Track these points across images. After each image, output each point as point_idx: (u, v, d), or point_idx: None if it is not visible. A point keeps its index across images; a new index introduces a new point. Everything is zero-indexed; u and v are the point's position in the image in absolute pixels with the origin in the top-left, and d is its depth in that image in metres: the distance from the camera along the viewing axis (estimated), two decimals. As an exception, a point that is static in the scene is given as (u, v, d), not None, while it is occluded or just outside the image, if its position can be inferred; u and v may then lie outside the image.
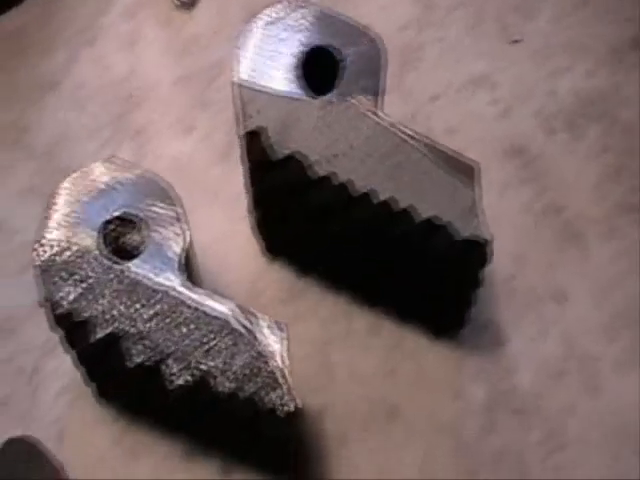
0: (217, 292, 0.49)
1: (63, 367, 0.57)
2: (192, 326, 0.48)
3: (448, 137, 0.62)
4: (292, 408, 0.46)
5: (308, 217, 0.53)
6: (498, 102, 0.65)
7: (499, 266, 0.53)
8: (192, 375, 0.47)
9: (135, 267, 0.49)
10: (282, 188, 0.52)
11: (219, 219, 0.59)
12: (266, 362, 0.47)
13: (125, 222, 0.50)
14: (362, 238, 0.52)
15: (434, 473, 0.54)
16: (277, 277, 0.58)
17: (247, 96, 0.51)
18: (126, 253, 0.50)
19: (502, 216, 0.59)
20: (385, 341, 0.56)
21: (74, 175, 0.51)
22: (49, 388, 0.57)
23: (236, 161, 0.60)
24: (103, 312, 0.48)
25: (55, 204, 0.50)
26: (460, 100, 0.65)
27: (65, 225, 0.49)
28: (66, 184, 0.50)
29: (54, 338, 0.55)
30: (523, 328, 0.58)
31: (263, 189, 0.54)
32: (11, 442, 0.53)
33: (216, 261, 0.55)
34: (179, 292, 0.48)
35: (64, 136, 0.65)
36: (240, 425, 0.49)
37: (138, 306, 0.48)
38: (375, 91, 0.51)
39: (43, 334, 0.56)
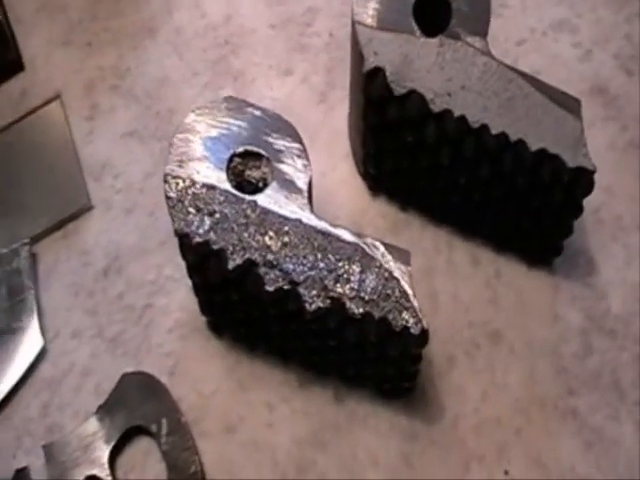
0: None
1: (173, 304, 0.58)
2: (324, 252, 0.49)
3: None
4: (426, 326, 0.48)
5: (422, 150, 0.55)
6: (579, 45, 0.67)
7: (588, 198, 0.54)
8: (329, 298, 0.48)
9: (265, 198, 0.50)
10: (399, 122, 0.53)
11: (321, 157, 0.60)
12: (397, 284, 0.48)
13: (250, 157, 0.51)
14: (474, 169, 0.54)
15: (536, 392, 0.55)
16: (380, 211, 0.60)
17: (367, 34, 0.52)
18: (251, 186, 0.51)
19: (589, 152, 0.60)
20: (485, 270, 0.58)
21: (197, 111, 0.52)
22: (160, 324, 0.58)
23: (335, 102, 0.63)
24: (239, 241, 0.49)
25: (180, 140, 0.51)
26: (544, 44, 0.67)
27: (192, 160, 0.50)
28: (188, 121, 0.51)
29: (162, 276, 0.58)
30: (612, 256, 0.60)
31: (379, 124, 0.55)
32: (126, 376, 0.55)
33: (321, 197, 0.55)
34: (310, 220, 0.49)
35: (164, 81, 0.66)
36: (369, 346, 0.50)
37: (271, 234, 0.49)
38: (482, 33, 0.53)
39: (151, 272, 0.59)
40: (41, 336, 0.58)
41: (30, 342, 0.57)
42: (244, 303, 0.52)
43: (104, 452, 0.54)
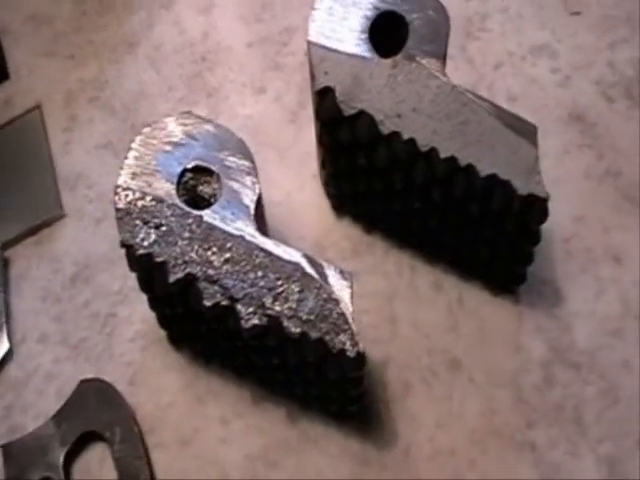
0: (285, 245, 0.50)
1: (136, 314, 0.59)
2: (265, 270, 0.49)
3: (510, 104, 0.63)
4: (362, 349, 0.48)
5: (375, 173, 0.55)
6: (558, 71, 0.66)
7: (558, 227, 0.54)
8: (264, 316, 0.48)
9: (211, 214, 0.50)
10: (351, 144, 0.54)
11: (289, 176, 0.61)
12: (335, 306, 0.48)
13: (201, 172, 0.51)
14: (427, 193, 0.54)
15: (493, 424, 0.55)
16: (344, 232, 0.60)
17: (319, 55, 0.53)
18: (201, 201, 0.51)
19: (562, 180, 0.60)
20: (447, 296, 0.57)
21: (152, 126, 0.52)
22: (123, 333, 0.59)
23: (306, 122, 0.63)
24: (181, 254, 0.49)
25: (134, 153, 0.52)
26: (522, 68, 0.66)
27: (144, 173, 0.51)
28: (144, 135, 0.52)
29: (128, 286, 0.59)
30: (580, 287, 0.59)
31: (333, 145, 0.55)
32: (84, 383, 0.57)
33: (285, 216, 0.57)
34: (253, 238, 0.50)
35: (141, 94, 0.67)
36: (309, 367, 0.51)
37: (214, 249, 0.49)
38: (440, 55, 0.53)
39: (117, 282, 0.60)
40: (7, 339, 0.59)
41: (-4, 344, 0.59)
42: (190, 317, 0.52)
43: (59, 455, 0.56)
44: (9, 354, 0.59)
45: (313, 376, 0.51)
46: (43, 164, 0.64)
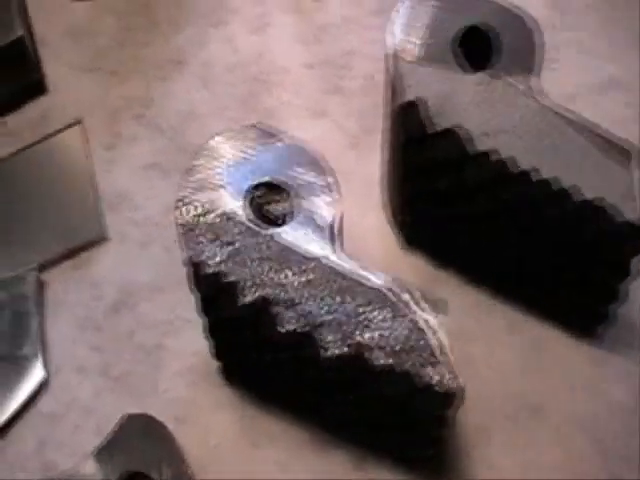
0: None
1: (185, 346, 0.55)
2: (346, 296, 0.45)
3: None
4: (454, 385, 0.43)
5: (458, 196, 0.51)
6: (632, 105, 0.63)
7: None
8: (348, 346, 0.44)
9: (284, 234, 0.46)
10: (434, 165, 0.50)
11: (351, 206, 0.54)
12: (425, 336, 0.44)
13: (272, 189, 0.48)
14: (516, 219, 0.50)
15: (576, 474, 0.51)
16: (414, 266, 0.57)
17: (404, 68, 0.49)
18: (270, 220, 0.47)
19: None
20: (526, 338, 0.55)
21: (218, 138, 0.49)
22: (170, 366, 0.55)
23: (368, 148, 0.60)
24: (252, 276, 0.45)
25: (199, 165, 0.48)
26: (595, 101, 0.63)
27: (210, 187, 0.47)
28: (207, 148, 0.48)
29: (176, 316, 0.55)
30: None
31: (411, 167, 0.51)
32: (129, 417, 0.51)
33: (349, 247, 0.51)
34: (332, 261, 0.45)
35: (189, 114, 0.63)
36: (392, 404, 0.46)
37: (289, 273, 0.45)
38: (527, 73, 0.50)
39: (165, 312, 0.55)
40: (43, 368, 0.54)
41: (32, 373, 0.54)
42: (257, 345, 0.48)
43: (100, 496, 0.50)
44: (44, 384, 0.54)
45: (393, 414, 0.47)
46: (84, 183, 0.60)
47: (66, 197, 0.60)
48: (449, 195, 0.51)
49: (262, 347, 0.48)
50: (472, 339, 0.54)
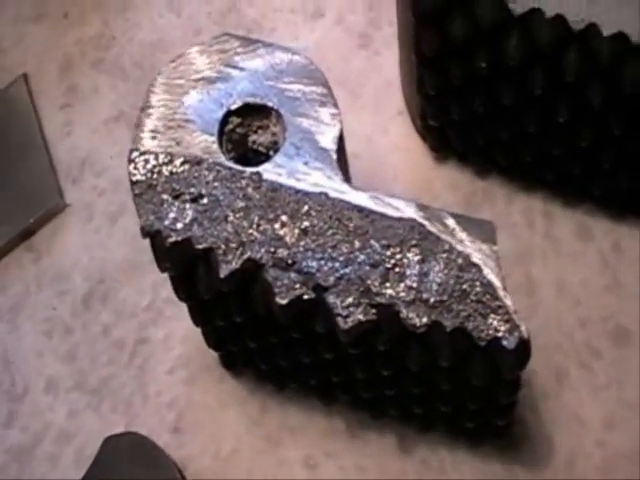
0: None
1: (175, 335, 0.45)
2: (364, 238, 0.33)
3: None
4: (525, 334, 0.32)
5: (505, 78, 0.39)
6: None
7: None
8: (371, 307, 0.33)
9: (277, 167, 0.35)
10: (469, 39, 0.38)
11: (367, 118, 0.48)
12: (477, 274, 0.33)
13: (252, 114, 0.36)
14: (584, 92, 0.38)
15: None
16: (450, 180, 0.47)
17: None
18: (255, 158, 0.36)
19: None
20: (599, 244, 0.45)
21: (175, 61, 0.37)
22: (158, 364, 0.45)
23: (380, 45, 0.51)
24: (235, 233, 0.34)
25: (157, 99, 0.36)
26: None
27: (170, 127, 0.36)
28: (164, 75, 0.37)
29: (160, 298, 0.46)
30: None
31: (439, 48, 0.39)
32: (111, 440, 0.43)
33: (368, 170, 0.45)
34: (342, 193, 0.34)
35: (157, 46, 0.52)
36: (441, 373, 0.35)
37: (284, 219, 0.34)
38: None
39: (145, 296, 0.46)
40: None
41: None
42: (254, 327, 0.37)
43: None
44: (8, 415, 0.44)
45: (446, 385, 0.36)
46: (35, 151, 0.49)
47: (15, 171, 0.49)
48: (487, 82, 0.40)
49: (261, 328, 0.37)
50: (533, 259, 0.45)
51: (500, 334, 0.32)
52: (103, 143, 0.50)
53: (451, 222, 0.33)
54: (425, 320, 0.32)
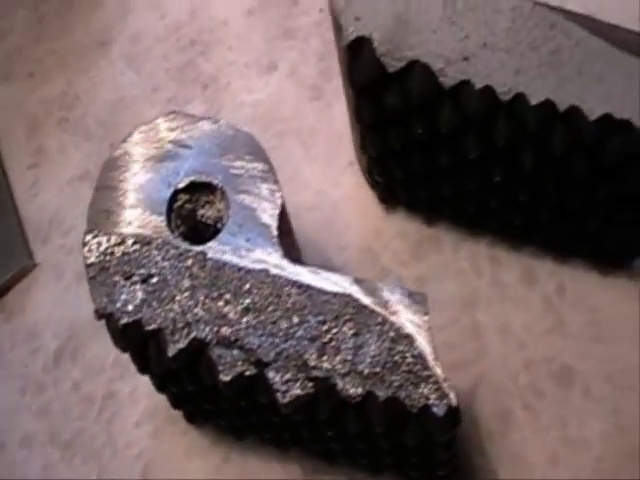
0: (324, 261, 0.39)
1: (141, 390, 0.46)
2: (302, 313, 0.34)
3: None
4: (454, 402, 0.33)
5: (438, 144, 0.40)
6: None
7: None
8: (309, 380, 0.34)
9: (218, 246, 0.35)
10: (402, 110, 0.39)
11: (320, 170, 0.49)
12: (409, 345, 0.34)
13: (199, 191, 0.37)
14: (513, 158, 0.39)
15: (625, 446, 0.41)
16: (399, 229, 0.47)
17: None
18: (205, 230, 0.37)
19: None
20: (543, 287, 0.45)
21: (123, 142, 0.38)
22: (126, 417, 0.45)
23: (333, 96, 0.50)
24: (183, 313, 0.35)
25: (105, 183, 0.37)
26: None
27: (122, 207, 0.37)
28: (112, 157, 0.38)
29: (125, 355, 0.44)
30: None
31: (377, 117, 0.40)
32: None
33: (321, 222, 0.46)
34: (281, 269, 0.35)
35: (119, 104, 0.53)
36: (379, 436, 0.36)
37: (228, 297, 0.35)
38: None
39: (112, 351, 0.45)
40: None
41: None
42: (205, 395, 0.38)
43: None
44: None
45: (385, 445, 0.37)
46: (4, 212, 0.50)
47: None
48: (424, 146, 0.40)
49: (212, 396, 0.37)
50: (479, 303, 0.45)
51: (430, 402, 0.33)
52: (69, 202, 0.50)
53: (385, 294, 0.34)
54: (360, 391, 0.33)
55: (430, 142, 0.40)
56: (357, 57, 0.38)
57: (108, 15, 0.55)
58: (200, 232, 0.37)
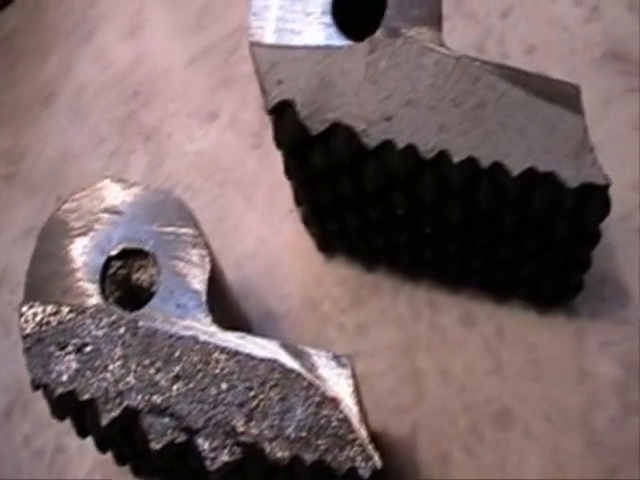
0: (266, 310, 0.39)
1: (90, 442, 0.44)
2: (230, 380, 0.35)
3: (529, 57, 0.49)
4: (379, 464, 0.34)
5: (367, 200, 0.40)
6: (582, 3, 0.51)
7: (613, 203, 0.38)
8: (237, 446, 0.34)
9: (149, 314, 0.36)
10: (329, 169, 0.39)
11: (260, 219, 0.49)
12: (333, 408, 0.34)
13: (131, 256, 0.38)
14: (440, 213, 0.40)
15: (569, 478, 0.41)
16: (338, 277, 0.47)
17: (267, 58, 0.38)
18: (141, 294, 0.38)
19: (607, 140, 0.44)
20: (482, 329, 0.45)
21: (56, 211, 0.39)
22: (76, 470, 0.45)
23: (271, 143, 0.50)
24: (115, 382, 0.35)
25: (40, 252, 0.38)
26: (537, 9, 0.51)
27: (57, 276, 0.37)
28: (45, 227, 0.39)
29: None
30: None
31: (305, 176, 0.41)
32: None
33: (262, 271, 0.46)
34: (209, 335, 0.36)
35: (65, 157, 0.53)
36: None
37: (159, 365, 0.35)
38: (432, 19, 0.38)
39: None
40: None
41: None
42: (143, 458, 0.38)
43: None
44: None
45: None
46: None
47: None
48: (354, 201, 0.41)
49: (149, 459, 0.37)
50: (419, 348, 0.45)
51: (356, 464, 0.33)
52: (17, 258, 0.50)
53: (312, 358, 0.35)
54: (287, 455, 0.34)
55: (359, 198, 0.40)
56: (281, 120, 0.38)
57: (53, 67, 0.56)
58: (136, 295, 0.37)
